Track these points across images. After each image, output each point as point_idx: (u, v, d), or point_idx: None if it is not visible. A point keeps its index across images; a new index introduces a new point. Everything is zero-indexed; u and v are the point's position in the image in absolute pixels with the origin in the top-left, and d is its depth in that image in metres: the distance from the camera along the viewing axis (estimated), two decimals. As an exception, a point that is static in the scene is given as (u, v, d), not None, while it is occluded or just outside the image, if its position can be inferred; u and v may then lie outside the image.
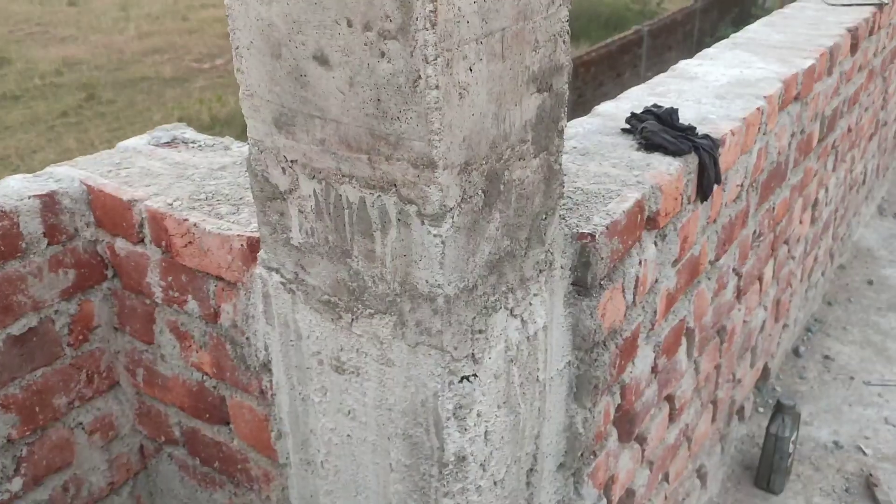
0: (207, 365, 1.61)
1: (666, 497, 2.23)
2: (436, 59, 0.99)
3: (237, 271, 1.43)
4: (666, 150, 1.76)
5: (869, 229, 4.50)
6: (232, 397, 1.60)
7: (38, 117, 13.20)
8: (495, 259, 1.22)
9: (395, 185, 1.09)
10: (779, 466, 2.64)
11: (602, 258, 1.45)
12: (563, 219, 1.45)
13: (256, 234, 1.39)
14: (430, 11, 0.96)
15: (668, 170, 1.69)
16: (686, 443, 2.31)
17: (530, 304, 1.33)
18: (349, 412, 1.33)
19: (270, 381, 1.47)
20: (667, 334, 1.89)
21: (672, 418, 2.12)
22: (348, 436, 1.36)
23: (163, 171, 1.70)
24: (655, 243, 1.69)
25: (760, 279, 2.66)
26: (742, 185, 2.19)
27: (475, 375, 1.21)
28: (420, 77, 0.99)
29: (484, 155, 1.12)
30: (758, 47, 2.73)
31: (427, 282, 1.13)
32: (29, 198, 1.56)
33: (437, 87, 1.00)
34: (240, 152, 1.80)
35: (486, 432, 1.27)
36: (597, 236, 1.41)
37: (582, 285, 1.46)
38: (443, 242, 1.09)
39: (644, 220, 1.61)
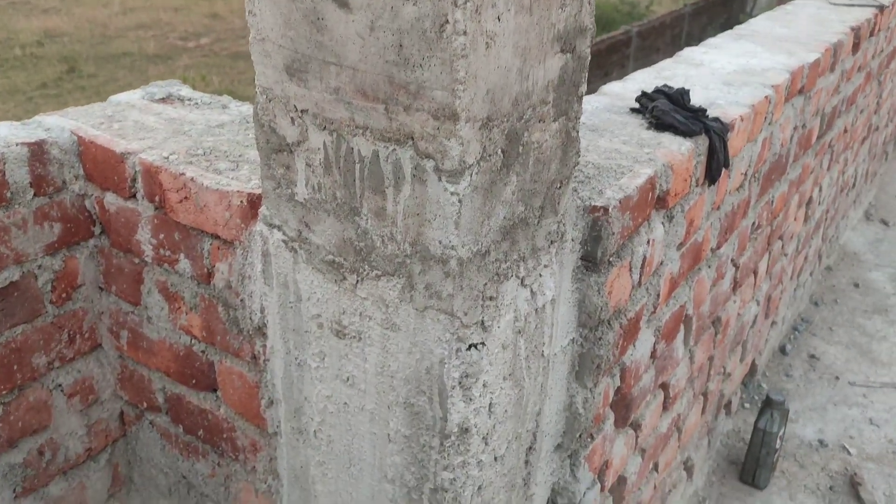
0: (197, 328, 1.55)
1: (655, 487, 2.20)
2: (465, 3, 0.93)
3: (235, 229, 1.37)
4: (676, 130, 1.72)
5: (856, 233, 4.51)
6: (221, 362, 1.54)
7: (17, 88, 12.95)
8: (509, 225, 1.17)
9: (412, 138, 1.04)
10: (765, 461, 2.62)
11: (613, 233, 1.41)
12: (576, 191, 1.40)
13: (257, 191, 1.33)
14: (463, -50, 0.90)
15: (680, 149, 1.65)
16: (677, 433, 2.28)
17: (540, 275, 1.28)
18: (348, 378, 1.28)
19: (264, 345, 1.41)
20: (667, 319, 1.86)
21: (666, 406, 2.09)
22: (345, 403, 1.31)
23: (158, 126, 1.63)
24: (663, 223, 1.65)
25: (755, 272, 2.64)
26: (746, 174, 2.16)
27: (483, 344, 1.17)
28: (447, 21, 0.94)
29: (506, 112, 1.07)
30: (763, 39, 2.71)
31: (440, 242, 1.08)
32: (17, 145, 1.49)
33: (464, 32, 0.94)
34: (238, 111, 1.74)
35: (490, 404, 1.23)
36: (609, 210, 1.37)
37: (591, 260, 1.42)
38: (459, 201, 1.04)
39: (654, 199, 1.57)
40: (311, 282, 1.25)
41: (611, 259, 1.44)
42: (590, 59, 1.25)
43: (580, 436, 1.57)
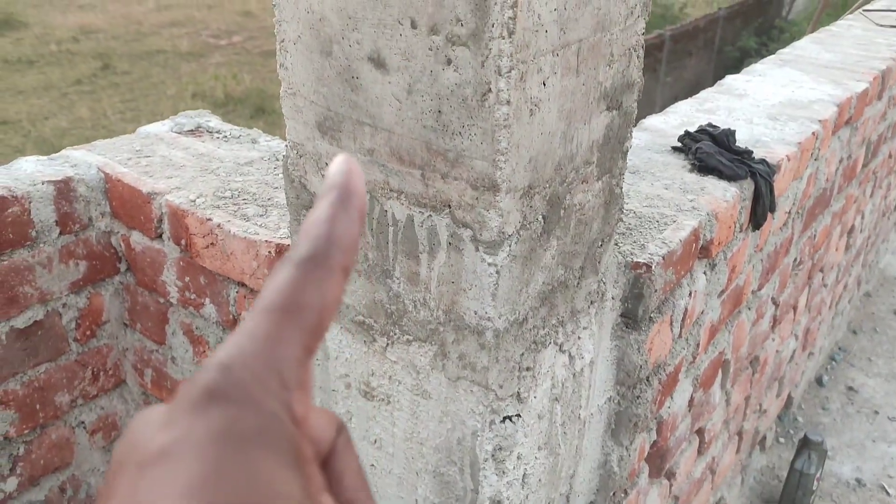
0: (222, 373, 1.51)
1: (687, 533, 2.13)
2: (510, 72, 0.88)
3: (262, 279, 1.33)
4: (721, 174, 1.65)
5: (896, 256, 4.39)
6: (246, 409, 1.50)
7: (52, 83, 13.09)
8: (548, 290, 1.11)
9: (449, 206, 0.99)
10: (801, 502, 2.54)
11: (656, 290, 1.35)
12: (617, 245, 1.34)
13: (285, 241, 1.29)
14: (509, 18, 0.85)
15: (725, 196, 1.58)
16: (710, 476, 2.20)
17: (579, 338, 1.22)
18: (375, 441, 1.23)
19: (289, 397, 1.37)
20: (706, 367, 1.79)
21: (700, 451, 2.02)
22: (372, 465, 1.26)
23: (185, 163, 1.60)
24: (705, 273, 1.59)
25: (795, 308, 2.55)
26: (790, 213, 2.08)
27: (518, 415, 1.11)
28: (490, 90, 0.89)
29: (548, 178, 1.02)
30: (807, 66, 2.62)
31: (476, 313, 1.02)
32: (43, 183, 1.46)
33: (508, 102, 0.89)
34: (267, 146, 1.70)
35: (524, 475, 1.17)
36: (653, 267, 1.31)
37: (631, 318, 1.36)
38: (497, 272, 0.98)
39: (697, 250, 1.50)
40: (340, 341, 1.20)
41: (652, 315, 1.38)
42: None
43: (614, 494, 1.51)
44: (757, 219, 1.71)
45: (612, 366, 1.39)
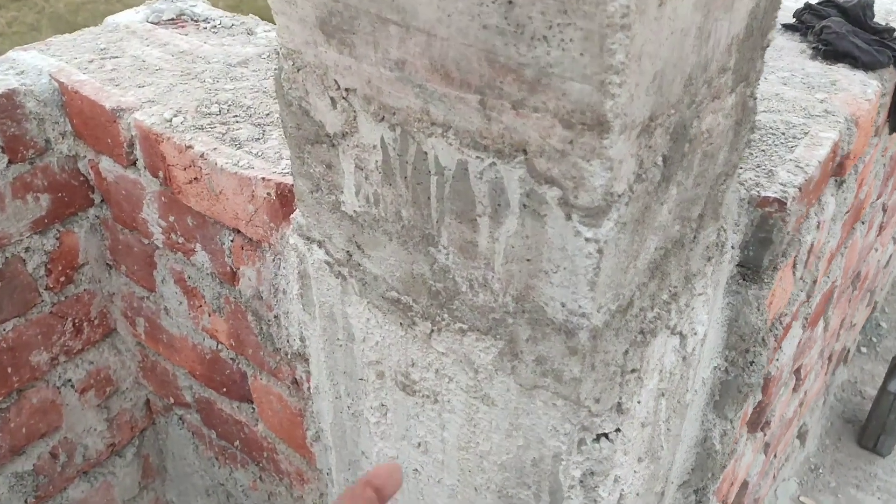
0: (223, 334, 1.21)
1: (773, 476, 1.86)
2: (636, -69, 0.51)
3: (262, 227, 1.01)
4: (855, 61, 1.26)
5: None
6: (256, 377, 1.21)
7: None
8: (660, 256, 0.78)
9: (524, 151, 0.64)
10: (893, 428, 2.26)
11: (788, 232, 1.00)
12: (738, 172, 0.99)
13: (289, 179, 0.96)
14: None
15: (865, 92, 1.20)
16: (799, 410, 1.92)
17: (693, 309, 0.89)
18: (420, 444, 0.94)
19: (307, 372, 1.07)
20: (817, 303, 1.46)
21: (795, 389, 1.72)
22: (416, 470, 0.97)
23: (162, 65, 1.24)
24: (833, 196, 1.23)
25: (898, 209, 2.18)
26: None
27: (618, 430, 0.80)
28: (601, -36, 0.52)
29: (675, 100, 0.66)
30: None
31: (563, 306, 0.70)
32: (-25, 101, 1.12)
33: (630, -15, 0.52)
34: (266, 39, 1.33)
35: (620, 497, 0.88)
36: (788, 203, 0.96)
37: (752, 268, 1.02)
38: (599, 251, 0.65)
39: (832, 169, 1.14)
40: (368, 320, 0.89)
41: (777, 262, 1.04)
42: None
43: (712, 474, 1.22)
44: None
45: (721, 328, 1.07)
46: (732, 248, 0.97)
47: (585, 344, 0.71)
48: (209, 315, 1.21)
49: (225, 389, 1.30)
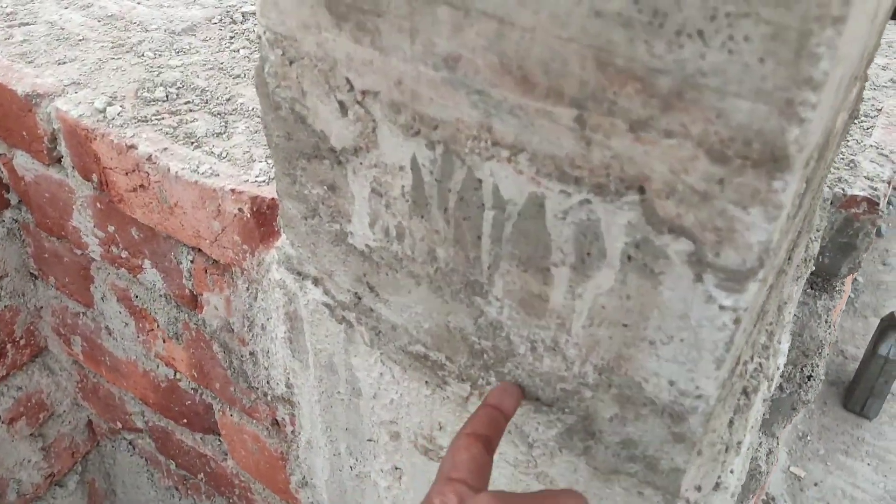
0: (182, 364, 1.01)
1: (777, 458, 1.76)
2: None
3: (231, 249, 0.80)
4: (909, 18, 1.09)
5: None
6: (224, 412, 1.01)
7: None
8: (765, 295, 0.60)
9: (640, 189, 0.45)
10: (881, 391, 2.19)
11: (870, 235, 0.84)
12: (818, 167, 0.81)
13: (267, 191, 0.75)
14: None
15: (929, 56, 1.03)
16: (799, 385, 1.81)
17: (779, 342, 0.73)
18: (443, 514, 0.76)
19: (291, 414, 0.88)
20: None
21: (803, 370, 1.60)
22: (436, 540, 0.80)
23: (87, 33, 1.00)
24: (889, 175, 1.07)
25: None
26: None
27: (709, 511, 0.64)
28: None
29: (838, 106, 0.48)
30: None
31: (673, 385, 0.52)
32: None
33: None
34: (217, -2, 1.09)
35: (697, 576, 0.72)
36: (880, 203, 0.79)
37: (825, 277, 0.86)
38: (737, 321, 0.47)
39: (901, 149, 0.98)
40: (381, 375, 0.69)
41: (855, 269, 0.88)
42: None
43: (754, 493, 1.08)
44: (948, 83, 1.17)
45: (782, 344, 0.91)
46: (811, 257, 0.81)
47: (697, 430, 0.53)
48: (164, 341, 1.00)
49: (185, 420, 1.10)
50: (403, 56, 0.49)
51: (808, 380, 0.97)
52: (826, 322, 0.90)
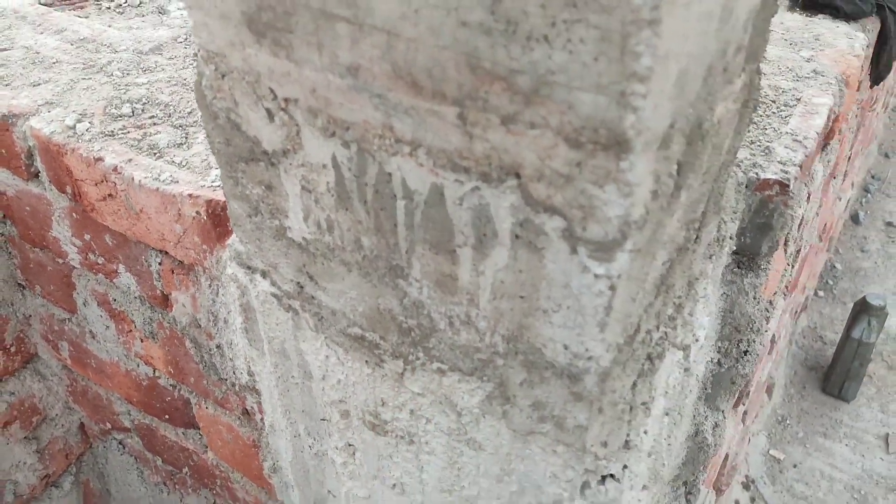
0: (160, 361, 1.07)
1: (747, 439, 1.82)
2: None
3: (193, 250, 0.86)
4: (837, 12, 1.16)
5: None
6: (200, 406, 1.08)
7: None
8: (665, 270, 0.67)
9: (517, 175, 0.51)
10: (857, 373, 2.25)
11: (789, 214, 0.90)
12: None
13: (223, 198, 0.82)
14: None
15: (852, 47, 1.10)
16: (771, 369, 1.87)
17: (694, 315, 0.79)
18: (395, 485, 0.83)
19: (259, 402, 0.95)
20: (796, 271, 1.38)
21: (770, 352, 1.66)
22: (391, 512, 0.86)
23: (61, 56, 1.07)
24: (821, 162, 1.14)
25: (858, 153, 2.12)
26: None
27: (625, 467, 0.70)
28: (620, -57, 0.39)
29: (693, 98, 0.54)
30: None
31: (567, 348, 0.58)
32: None
33: (657, -33, 0.40)
34: (182, 18, 1.16)
35: (625, 532, 0.78)
36: (790, 185, 0.86)
37: (748, 255, 0.92)
38: (612, 288, 0.53)
39: (826, 136, 1.04)
40: (327, 357, 0.76)
41: (776, 247, 0.95)
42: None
43: (703, 466, 1.14)
44: (879, 70, 1.24)
45: (715, 321, 0.97)
46: (731, 238, 0.88)
47: (593, 389, 0.60)
48: (141, 340, 1.07)
49: (167, 416, 1.17)
50: (314, 67, 0.55)
51: (745, 354, 1.03)
52: (755, 298, 0.96)
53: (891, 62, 1.23)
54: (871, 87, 1.30)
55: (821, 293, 2.69)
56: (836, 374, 2.30)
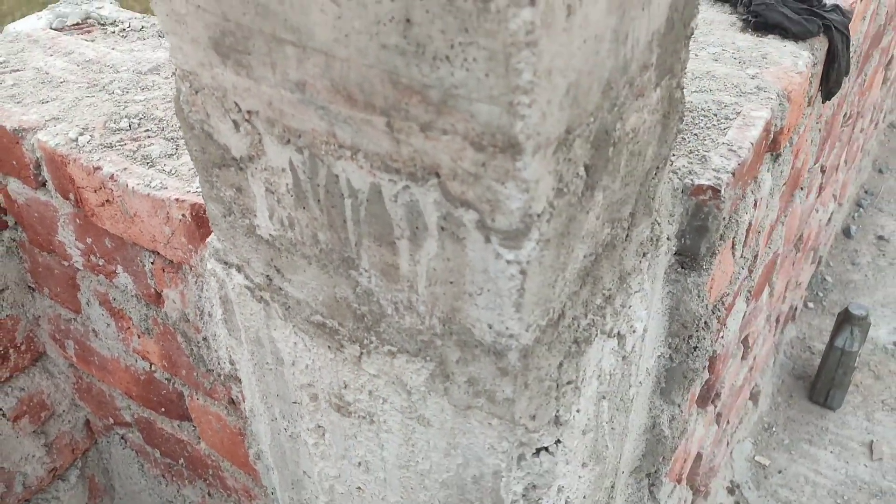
0: (155, 356, 1.17)
1: (727, 443, 1.88)
2: (532, -56, 0.47)
3: (181, 249, 0.96)
4: (786, 32, 1.24)
5: (920, 79, 3.97)
6: (192, 398, 1.17)
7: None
8: (590, 262, 0.75)
9: (437, 174, 0.60)
10: (841, 382, 2.30)
11: (724, 218, 0.98)
12: (670, 163, 0.96)
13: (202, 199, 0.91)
14: None
15: (796, 64, 1.18)
16: (749, 374, 1.94)
17: (630, 307, 0.87)
18: (360, 463, 0.91)
19: (242, 392, 1.04)
20: (759, 276, 1.46)
21: (744, 357, 1.73)
22: (359, 488, 0.95)
23: (67, 76, 1.17)
24: (770, 171, 1.22)
25: (836, 167, 2.19)
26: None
27: (558, 441, 0.78)
28: (498, -19, 0.48)
29: (593, 108, 0.63)
30: None
31: (490, 327, 0.67)
32: None
33: (531, 1, 0.49)
34: (180, 42, 1.26)
35: (566, 502, 0.86)
36: (722, 190, 0.94)
37: (689, 256, 1.00)
38: (522, 272, 0.62)
39: (767, 147, 1.12)
40: (295, 344, 0.85)
41: (715, 247, 1.03)
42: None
43: (663, 458, 1.21)
44: (829, 87, 1.32)
45: (663, 318, 1.05)
46: (668, 239, 0.96)
47: (516, 364, 0.68)
48: (138, 337, 1.16)
49: (164, 409, 1.26)
50: (269, 83, 0.65)
51: (695, 350, 1.11)
52: (699, 296, 1.04)
53: (840, 79, 1.31)
54: (824, 101, 1.38)
55: (811, 304, 2.74)
56: (821, 383, 2.35)
